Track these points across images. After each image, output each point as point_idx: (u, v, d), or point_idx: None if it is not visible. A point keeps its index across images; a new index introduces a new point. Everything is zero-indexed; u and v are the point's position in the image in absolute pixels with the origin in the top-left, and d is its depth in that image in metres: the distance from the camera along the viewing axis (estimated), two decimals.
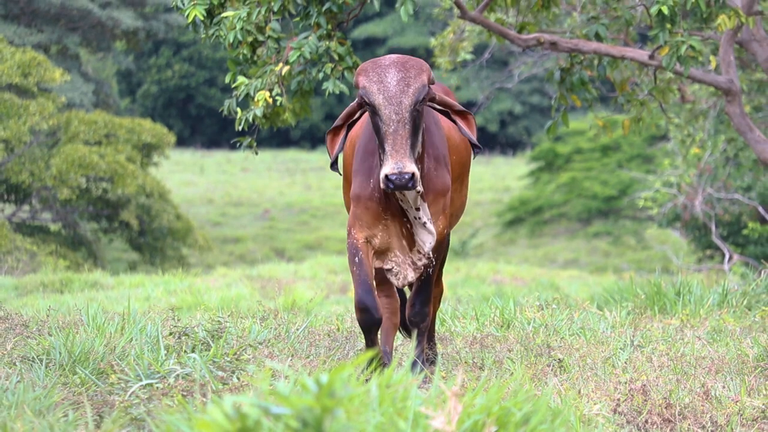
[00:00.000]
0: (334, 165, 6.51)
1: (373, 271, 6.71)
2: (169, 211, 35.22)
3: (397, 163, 6.10)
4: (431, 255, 6.76)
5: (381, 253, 6.72)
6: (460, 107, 6.57)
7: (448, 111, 6.58)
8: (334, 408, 3.52)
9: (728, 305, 9.86)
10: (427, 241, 6.68)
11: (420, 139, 6.36)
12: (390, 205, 6.57)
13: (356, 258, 6.57)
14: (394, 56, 6.39)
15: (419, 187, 6.37)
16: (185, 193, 48.79)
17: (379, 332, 6.80)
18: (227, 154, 61.93)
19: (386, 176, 6.10)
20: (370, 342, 6.65)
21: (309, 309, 13.00)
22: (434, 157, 6.62)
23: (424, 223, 6.61)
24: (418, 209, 6.56)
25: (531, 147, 60.17)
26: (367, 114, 6.49)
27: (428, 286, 6.89)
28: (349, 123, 6.56)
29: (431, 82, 6.41)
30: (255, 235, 44.66)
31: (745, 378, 6.57)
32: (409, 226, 6.66)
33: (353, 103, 6.51)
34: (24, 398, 5.36)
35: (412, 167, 6.11)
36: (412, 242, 6.71)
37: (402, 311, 7.56)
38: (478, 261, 31.99)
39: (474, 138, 6.56)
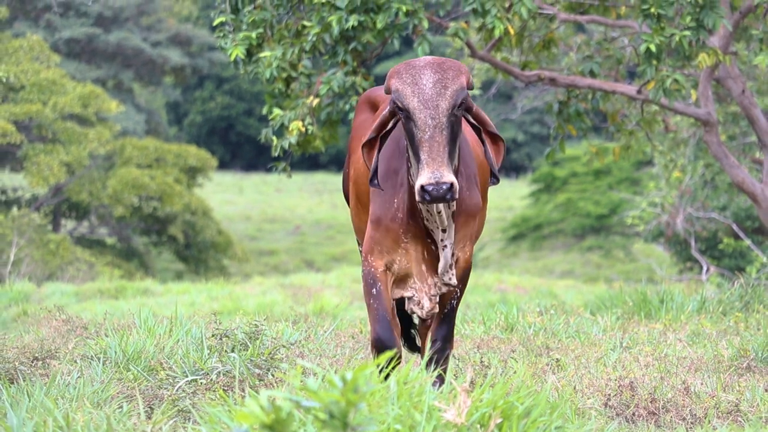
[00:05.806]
0: (374, 179, 5.23)
1: (393, 304, 5.43)
2: (211, 226, 35.29)
3: (434, 172, 4.85)
4: (455, 282, 5.46)
5: (399, 280, 5.45)
6: (494, 129, 5.28)
7: (480, 128, 5.30)
8: (358, 402, 3.53)
9: (706, 311, 9.82)
10: (448, 266, 5.40)
11: (457, 150, 5.12)
12: (411, 226, 5.32)
13: (374, 289, 5.34)
14: (429, 57, 5.10)
15: (454, 205, 5.26)
16: (226, 211, 48.79)
17: None
18: (263, 177, 61.93)
19: (422, 187, 4.85)
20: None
21: (335, 314, 12.99)
22: (466, 176, 5.34)
23: (446, 246, 5.32)
24: (444, 230, 5.30)
25: (532, 171, 59.99)
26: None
27: (451, 319, 5.58)
28: (383, 134, 5.28)
29: (470, 87, 5.14)
30: (287, 248, 44.65)
31: (721, 376, 6.54)
32: (433, 247, 5.38)
33: (385, 112, 5.24)
34: (84, 392, 5.38)
35: (450, 177, 4.86)
36: (432, 268, 5.41)
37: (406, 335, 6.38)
38: (484, 272, 31.89)
39: (496, 166, 5.26)
